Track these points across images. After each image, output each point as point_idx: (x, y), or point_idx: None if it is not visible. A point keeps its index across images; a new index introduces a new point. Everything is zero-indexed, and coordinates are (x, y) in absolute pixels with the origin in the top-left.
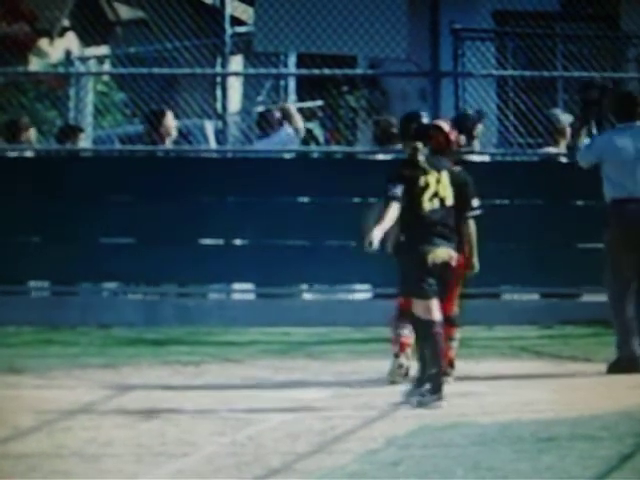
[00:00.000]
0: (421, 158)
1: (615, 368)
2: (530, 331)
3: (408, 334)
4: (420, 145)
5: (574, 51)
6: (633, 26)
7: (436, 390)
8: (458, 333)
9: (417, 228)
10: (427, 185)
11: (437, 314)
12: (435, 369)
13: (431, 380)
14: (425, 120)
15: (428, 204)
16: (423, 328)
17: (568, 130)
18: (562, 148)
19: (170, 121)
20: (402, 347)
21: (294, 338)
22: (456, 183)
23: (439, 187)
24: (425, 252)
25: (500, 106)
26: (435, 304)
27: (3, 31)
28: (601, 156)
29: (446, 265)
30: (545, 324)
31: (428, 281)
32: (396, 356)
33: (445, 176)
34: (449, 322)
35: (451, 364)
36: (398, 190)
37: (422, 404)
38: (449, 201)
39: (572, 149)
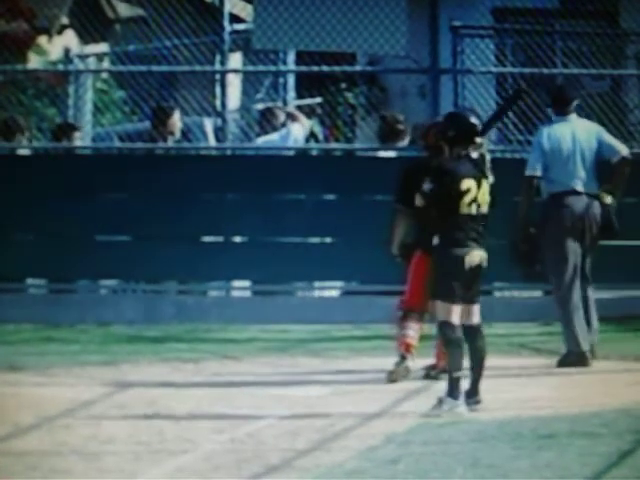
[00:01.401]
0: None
1: (564, 362)
2: (529, 328)
3: (413, 334)
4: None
5: (573, 48)
6: (632, 23)
7: (455, 394)
8: None
9: (456, 230)
10: (469, 189)
11: (457, 318)
12: (454, 373)
13: (449, 383)
14: (475, 120)
15: (466, 208)
16: (443, 331)
17: None
18: None
19: (176, 120)
20: (408, 348)
21: (293, 335)
22: (492, 194)
23: (479, 193)
24: (463, 255)
25: (499, 103)
26: (457, 309)
27: (2, 29)
28: (548, 155)
29: (479, 267)
30: (544, 321)
31: (457, 285)
32: (403, 357)
33: (486, 184)
34: None
35: None
36: (426, 188)
37: (441, 409)
38: (484, 209)
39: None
